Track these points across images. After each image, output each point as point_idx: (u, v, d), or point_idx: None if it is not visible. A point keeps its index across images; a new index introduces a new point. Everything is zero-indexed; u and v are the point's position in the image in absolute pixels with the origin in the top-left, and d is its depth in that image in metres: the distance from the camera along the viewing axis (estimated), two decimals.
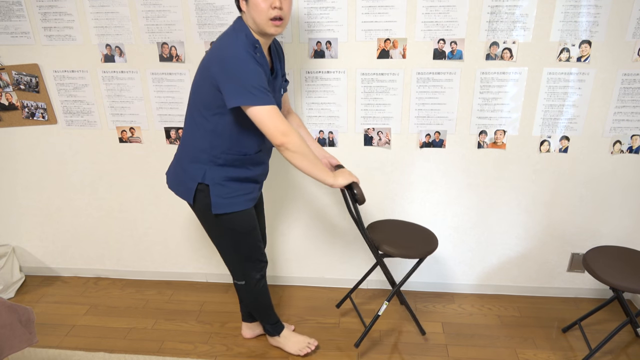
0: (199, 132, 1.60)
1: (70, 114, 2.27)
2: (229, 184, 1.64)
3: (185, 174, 1.65)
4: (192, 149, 1.63)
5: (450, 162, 2.19)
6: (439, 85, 2.06)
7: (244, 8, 1.51)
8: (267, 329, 2.01)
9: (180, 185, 1.68)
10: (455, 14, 1.93)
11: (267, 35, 1.53)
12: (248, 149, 1.64)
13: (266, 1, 1.45)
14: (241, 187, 1.67)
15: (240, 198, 1.66)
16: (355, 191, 1.67)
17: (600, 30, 1.91)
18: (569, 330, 2.16)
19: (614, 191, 2.18)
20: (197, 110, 1.58)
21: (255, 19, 1.48)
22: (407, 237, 1.95)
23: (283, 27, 1.51)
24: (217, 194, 1.62)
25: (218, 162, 1.61)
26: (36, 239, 2.57)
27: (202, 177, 1.62)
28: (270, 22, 1.47)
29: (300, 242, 2.44)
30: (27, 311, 1.53)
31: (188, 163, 1.65)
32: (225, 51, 1.46)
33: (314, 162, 1.56)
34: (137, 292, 2.51)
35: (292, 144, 1.49)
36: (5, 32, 2.13)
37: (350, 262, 2.46)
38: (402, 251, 1.85)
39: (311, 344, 2.03)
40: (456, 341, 2.10)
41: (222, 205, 1.63)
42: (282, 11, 1.47)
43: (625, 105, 2.03)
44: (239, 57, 1.44)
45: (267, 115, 1.46)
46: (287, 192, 2.33)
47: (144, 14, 2.04)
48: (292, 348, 2.01)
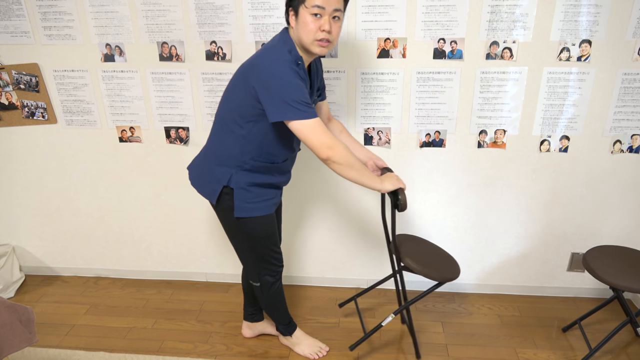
0: (231, 137, 1.60)
1: (70, 113, 2.27)
2: (253, 189, 1.65)
3: (211, 175, 1.66)
4: (221, 152, 1.63)
5: (450, 162, 2.19)
6: (439, 85, 2.06)
7: (292, 23, 1.51)
8: (280, 329, 2.03)
9: (205, 185, 1.69)
10: (455, 13, 1.93)
11: (310, 53, 1.53)
12: (276, 157, 1.65)
13: (316, 22, 1.44)
14: (264, 193, 1.68)
15: (263, 203, 1.68)
16: (400, 197, 1.63)
17: (601, 29, 1.91)
18: (569, 330, 2.16)
19: (614, 191, 2.18)
20: (231, 116, 1.58)
21: (301, 37, 1.48)
22: (432, 257, 1.89)
23: (329, 49, 1.50)
24: (240, 198, 1.63)
25: (245, 167, 1.62)
26: (36, 239, 2.57)
27: (228, 180, 1.62)
28: (317, 42, 1.47)
29: (302, 242, 2.44)
30: (27, 311, 1.53)
31: (215, 165, 1.65)
32: (268, 64, 1.45)
33: (361, 171, 1.56)
34: (137, 291, 2.51)
35: (338, 157, 1.49)
36: (5, 32, 2.13)
37: (352, 262, 2.46)
38: (425, 269, 1.78)
39: (323, 349, 2.03)
40: (456, 341, 2.10)
41: (245, 210, 1.65)
42: (331, 35, 1.46)
43: (625, 105, 2.03)
44: (282, 72, 1.43)
45: (312, 129, 1.46)
46: (291, 191, 2.33)
47: (144, 13, 2.04)
48: (303, 350, 2.01)
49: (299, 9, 1.45)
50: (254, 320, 2.11)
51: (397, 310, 1.91)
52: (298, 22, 1.47)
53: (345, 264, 2.47)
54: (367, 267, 2.46)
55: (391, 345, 2.07)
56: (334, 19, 1.46)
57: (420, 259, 1.83)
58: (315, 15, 1.43)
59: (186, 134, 2.25)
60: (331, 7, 1.43)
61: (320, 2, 1.41)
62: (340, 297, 2.42)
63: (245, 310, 2.10)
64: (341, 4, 1.46)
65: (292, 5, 1.48)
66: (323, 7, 1.42)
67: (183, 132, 2.25)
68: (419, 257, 1.85)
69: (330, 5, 1.42)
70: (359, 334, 2.14)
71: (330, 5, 1.42)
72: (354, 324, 2.22)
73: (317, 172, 2.27)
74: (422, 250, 1.92)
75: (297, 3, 1.45)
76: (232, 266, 2.54)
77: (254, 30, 2.03)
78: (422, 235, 2.36)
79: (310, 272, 2.51)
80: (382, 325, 1.93)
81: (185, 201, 2.40)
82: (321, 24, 1.43)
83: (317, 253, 2.46)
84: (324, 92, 1.82)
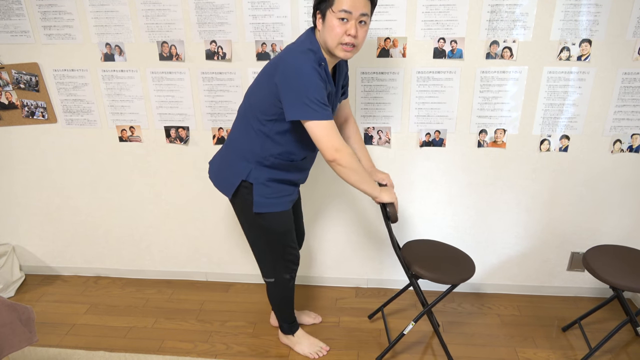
0: (252, 134, 1.63)
1: (70, 113, 2.27)
2: (272, 184, 1.68)
3: (230, 169, 1.69)
4: (242, 148, 1.66)
5: (450, 161, 2.19)
6: (439, 84, 2.05)
7: (319, 26, 1.52)
8: (283, 327, 2.04)
9: (223, 179, 1.71)
10: (455, 12, 1.93)
11: (335, 57, 1.54)
12: (296, 156, 1.68)
13: (342, 27, 1.45)
14: (283, 189, 1.71)
15: (281, 199, 1.70)
16: (388, 209, 1.72)
17: (601, 29, 1.91)
18: (568, 329, 2.16)
19: (614, 190, 2.18)
20: (253, 113, 1.61)
21: (327, 40, 1.49)
22: (443, 260, 1.87)
23: (354, 53, 1.52)
24: (260, 193, 1.66)
25: (265, 163, 1.65)
26: (36, 238, 2.57)
27: (247, 175, 1.65)
28: (341, 46, 1.48)
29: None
30: (27, 310, 1.53)
31: (235, 160, 1.68)
32: (290, 63, 1.47)
33: (363, 176, 1.60)
34: (137, 291, 2.51)
35: (344, 160, 1.53)
36: (5, 31, 2.13)
37: (351, 261, 2.46)
38: (435, 275, 1.76)
39: (323, 348, 2.03)
40: (456, 340, 2.10)
41: (264, 205, 1.67)
42: (356, 39, 1.47)
43: (625, 104, 2.03)
44: (303, 70, 1.45)
45: (323, 131, 1.49)
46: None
47: (144, 12, 2.04)
48: (303, 350, 2.02)
49: (326, 12, 1.47)
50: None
51: (416, 317, 1.90)
52: (325, 26, 1.49)
53: (345, 263, 2.47)
54: (366, 266, 2.46)
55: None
56: (360, 24, 1.47)
57: (429, 265, 1.81)
58: (342, 19, 1.44)
59: (186, 133, 2.25)
60: (358, 11, 1.44)
61: (348, 7, 1.42)
62: (340, 296, 2.42)
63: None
64: (368, 8, 1.47)
65: (320, 9, 1.49)
66: (350, 12, 1.43)
67: (183, 132, 2.25)
68: (428, 262, 1.83)
69: (357, 10, 1.43)
70: (359, 333, 2.15)
71: (357, 10, 1.43)
72: (354, 323, 2.22)
73: (318, 173, 2.27)
74: (432, 254, 1.90)
75: (325, 7, 1.47)
76: (233, 266, 2.54)
77: (254, 29, 2.03)
78: (421, 235, 2.36)
79: (310, 271, 2.51)
80: (404, 334, 1.93)
81: (185, 200, 2.40)
82: (347, 28, 1.45)
83: (316, 252, 2.46)
84: (347, 90, 1.84)
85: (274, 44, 2.04)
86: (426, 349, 2.05)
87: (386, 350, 1.96)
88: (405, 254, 1.89)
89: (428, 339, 2.11)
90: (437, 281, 1.76)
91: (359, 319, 2.25)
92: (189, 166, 2.32)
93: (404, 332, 1.93)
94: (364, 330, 2.17)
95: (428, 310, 1.90)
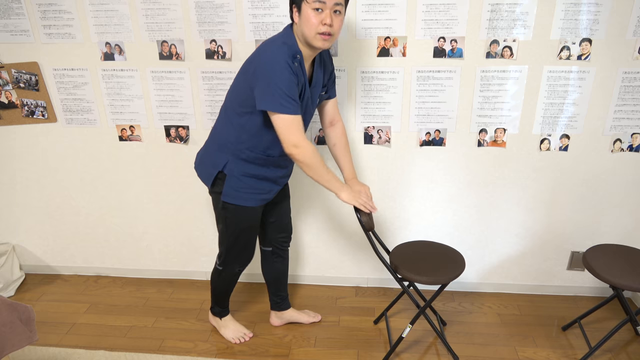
0: (229, 125, 1.69)
1: (70, 112, 2.27)
2: (245, 179, 1.73)
3: (210, 160, 1.76)
4: (220, 139, 1.73)
5: (451, 161, 2.19)
6: (439, 84, 2.05)
7: (295, 19, 1.57)
8: (215, 310, 2.12)
9: (203, 170, 1.79)
10: (455, 12, 1.93)
11: (313, 48, 1.58)
12: (272, 151, 1.72)
13: (317, 17, 1.50)
14: (256, 185, 1.75)
15: (250, 195, 1.75)
16: (360, 216, 1.76)
17: (601, 28, 1.91)
18: (568, 329, 2.16)
19: (614, 189, 2.18)
20: (231, 105, 1.68)
21: (304, 32, 1.54)
22: (431, 260, 1.86)
23: (331, 42, 1.56)
24: (230, 185, 1.73)
25: (241, 156, 1.70)
26: (36, 237, 2.57)
27: (223, 166, 1.72)
28: (319, 36, 1.52)
29: (300, 241, 2.44)
30: (27, 309, 1.54)
31: (214, 150, 1.75)
32: (264, 56, 1.53)
33: (321, 174, 1.64)
34: (137, 290, 2.51)
35: (301, 156, 1.58)
36: (5, 30, 2.13)
37: (351, 260, 2.46)
38: (422, 277, 1.75)
39: (247, 335, 2.12)
40: (456, 339, 2.10)
41: (231, 196, 1.74)
42: (332, 28, 1.52)
43: (625, 104, 2.03)
44: (275, 64, 1.50)
45: (285, 125, 1.54)
46: (293, 190, 2.33)
47: (144, 12, 2.04)
48: (227, 334, 2.11)
49: (301, 5, 1.52)
50: (281, 309, 2.17)
51: (412, 319, 1.90)
52: (301, 18, 1.53)
53: (344, 262, 2.47)
54: (365, 265, 2.46)
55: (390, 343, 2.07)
56: (335, 13, 1.52)
57: (417, 267, 1.80)
58: (316, 9, 1.49)
59: (186, 132, 2.25)
60: (332, 1, 1.49)
61: None
62: (340, 296, 2.42)
63: (271, 300, 2.17)
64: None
65: (295, 2, 1.54)
66: (324, 2, 1.48)
67: (183, 131, 2.25)
68: (416, 264, 1.82)
69: (331, 0, 1.48)
70: (358, 333, 2.15)
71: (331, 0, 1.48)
72: (354, 322, 2.22)
73: None
74: (421, 255, 1.89)
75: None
76: None
77: (254, 28, 2.03)
78: (421, 234, 2.36)
79: (310, 270, 2.51)
80: (403, 337, 1.93)
81: (185, 200, 2.40)
82: (322, 17, 1.50)
83: (316, 252, 2.46)
84: (331, 89, 1.84)
85: None
86: (428, 348, 2.05)
87: (387, 355, 1.96)
88: (393, 258, 1.87)
89: (430, 338, 2.11)
90: (426, 283, 1.75)
91: (359, 318, 2.25)
92: (189, 165, 2.32)
93: (402, 335, 1.93)
94: (364, 330, 2.17)
95: (423, 312, 1.90)
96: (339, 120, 1.89)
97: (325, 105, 1.86)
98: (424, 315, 1.91)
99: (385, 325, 2.20)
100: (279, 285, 2.13)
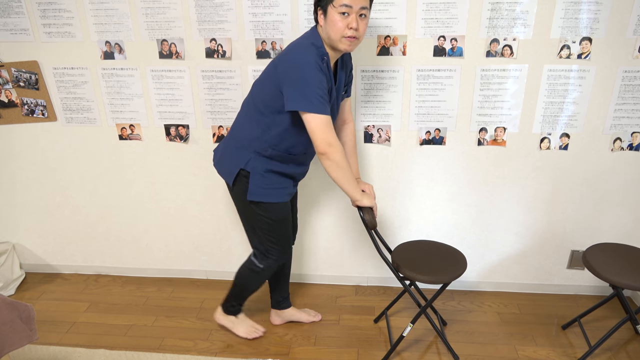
0: (253, 124, 1.69)
1: (70, 111, 2.27)
2: (268, 175, 1.74)
3: (231, 157, 1.75)
4: (243, 136, 1.72)
5: (451, 160, 2.19)
6: (439, 83, 2.05)
7: (320, 22, 1.57)
8: (230, 307, 2.08)
9: (225, 167, 1.78)
10: (455, 10, 1.93)
11: (338, 50, 1.58)
12: (295, 149, 1.73)
13: (344, 21, 1.50)
14: (280, 181, 1.77)
15: (276, 191, 1.76)
16: (364, 216, 1.76)
17: (601, 27, 1.90)
18: (568, 327, 2.16)
19: (614, 188, 2.18)
20: (256, 105, 1.68)
21: (329, 34, 1.54)
22: (433, 259, 1.86)
23: (355, 45, 1.57)
24: (255, 182, 1.72)
25: (264, 153, 1.71)
26: (36, 236, 2.57)
27: (246, 164, 1.71)
28: (345, 39, 1.53)
29: (301, 240, 2.44)
30: (28, 308, 1.54)
31: (236, 148, 1.74)
32: (294, 56, 1.53)
33: (348, 176, 1.65)
34: (137, 289, 2.51)
35: (333, 155, 1.58)
36: (5, 29, 2.12)
37: (351, 259, 2.46)
38: (424, 276, 1.75)
39: (259, 330, 2.12)
40: (456, 338, 2.10)
41: (258, 194, 1.73)
42: (358, 32, 1.53)
43: (625, 103, 2.02)
44: (305, 63, 1.51)
45: (319, 124, 1.55)
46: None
47: (144, 10, 2.04)
48: (241, 331, 2.10)
49: (327, 8, 1.52)
50: (281, 308, 2.18)
51: (413, 319, 1.90)
52: (326, 21, 1.54)
53: (345, 261, 2.47)
54: (366, 264, 2.46)
55: (390, 342, 2.07)
56: (360, 17, 1.53)
57: (419, 266, 1.80)
58: (343, 14, 1.50)
59: (186, 131, 2.25)
60: (358, 5, 1.49)
61: (348, 1, 1.48)
62: (340, 294, 2.43)
63: (273, 298, 2.17)
64: (367, 2, 1.53)
65: (321, 5, 1.55)
66: (350, 6, 1.49)
67: (183, 130, 2.25)
68: (418, 264, 1.82)
69: (357, 4, 1.49)
70: (359, 332, 2.15)
71: (357, 3, 1.49)
72: (354, 321, 2.22)
73: (316, 170, 2.27)
74: (423, 254, 1.90)
75: (326, 3, 1.53)
76: (233, 264, 2.54)
77: (254, 27, 2.02)
78: (421, 233, 2.36)
79: (310, 269, 2.51)
80: (403, 336, 1.93)
81: (185, 198, 2.40)
82: (349, 21, 1.50)
83: (316, 250, 2.46)
84: (349, 89, 1.87)
85: (274, 42, 2.04)
86: (429, 346, 2.05)
87: (388, 353, 1.96)
88: (395, 257, 1.87)
89: (430, 337, 2.11)
90: (428, 282, 1.75)
91: (359, 317, 2.25)
92: (189, 164, 2.32)
93: (403, 334, 1.93)
94: (364, 329, 2.17)
95: (424, 311, 1.90)
96: (351, 120, 1.92)
97: (344, 105, 1.88)
98: (425, 314, 1.91)
99: (384, 324, 2.20)
100: (282, 284, 2.13)
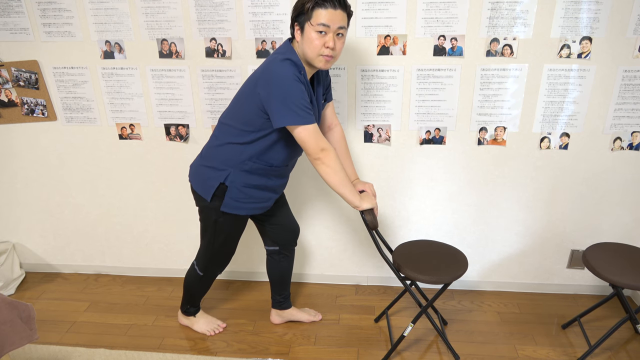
0: (230, 143, 1.68)
1: (70, 110, 2.27)
2: (246, 189, 1.73)
3: (209, 172, 1.73)
4: (222, 153, 1.70)
5: (451, 159, 2.19)
6: (439, 82, 2.05)
7: (297, 37, 1.57)
8: (188, 310, 2.14)
9: (202, 182, 1.75)
10: (455, 10, 1.93)
11: (314, 67, 1.59)
12: (275, 161, 1.72)
13: (321, 39, 1.50)
14: (256, 195, 1.76)
15: (249, 205, 1.76)
16: (365, 217, 1.75)
17: (601, 26, 1.90)
18: (568, 327, 2.16)
19: (614, 188, 2.18)
20: (236, 123, 1.66)
21: (306, 52, 1.55)
22: (434, 259, 1.86)
23: (331, 63, 1.57)
24: (231, 196, 1.72)
25: (244, 168, 1.70)
26: (36, 236, 2.57)
27: (225, 178, 1.70)
28: (321, 57, 1.53)
29: (300, 239, 2.45)
30: (28, 308, 1.54)
31: (215, 163, 1.72)
32: (273, 72, 1.52)
33: (344, 181, 1.63)
34: (137, 288, 2.51)
35: (327, 159, 1.58)
36: (5, 29, 2.12)
37: (350, 259, 2.46)
38: (425, 276, 1.75)
39: (220, 325, 2.16)
40: (456, 337, 2.10)
41: (230, 206, 1.74)
42: (334, 51, 1.53)
43: (625, 102, 2.02)
44: (285, 78, 1.50)
45: (309, 134, 1.55)
46: (289, 190, 2.33)
47: (144, 10, 2.04)
48: (201, 327, 2.14)
49: (304, 25, 1.52)
50: (282, 308, 2.18)
51: (414, 318, 1.90)
52: (303, 38, 1.53)
53: (344, 260, 2.47)
54: (365, 264, 2.46)
55: (390, 342, 2.07)
56: (337, 36, 1.52)
57: (420, 266, 1.80)
58: (320, 32, 1.49)
59: (186, 131, 2.25)
60: (336, 25, 1.49)
61: (326, 21, 1.48)
62: (340, 294, 2.43)
63: (273, 298, 2.17)
64: (345, 21, 1.53)
65: (298, 21, 1.54)
66: (328, 25, 1.48)
67: (183, 130, 2.25)
68: (419, 264, 1.82)
69: (335, 24, 1.49)
70: (358, 331, 2.15)
71: (335, 23, 1.49)
72: (354, 320, 2.22)
73: (314, 171, 2.26)
74: (424, 254, 1.89)
75: (303, 20, 1.52)
76: (232, 264, 2.54)
77: (254, 27, 2.02)
78: (421, 233, 2.36)
79: (310, 269, 2.51)
80: (404, 336, 1.93)
81: (185, 198, 2.40)
82: (326, 40, 1.50)
83: (315, 250, 2.46)
84: (329, 94, 1.85)
85: (274, 41, 2.04)
86: (429, 346, 2.05)
87: (388, 353, 1.96)
88: (396, 257, 1.87)
89: (431, 337, 2.11)
90: (429, 282, 1.75)
91: (359, 317, 2.25)
92: (189, 164, 2.32)
93: (404, 334, 1.93)
94: (364, 328, 2.17)
95: (425, 311, 1.90)
96: (337, 124, 1.90)
97: (326, 110, 1.87)
98: (425, 314, 1.91)
99: (385, 323, 2.20)
100: (283, 284, 2.13)
